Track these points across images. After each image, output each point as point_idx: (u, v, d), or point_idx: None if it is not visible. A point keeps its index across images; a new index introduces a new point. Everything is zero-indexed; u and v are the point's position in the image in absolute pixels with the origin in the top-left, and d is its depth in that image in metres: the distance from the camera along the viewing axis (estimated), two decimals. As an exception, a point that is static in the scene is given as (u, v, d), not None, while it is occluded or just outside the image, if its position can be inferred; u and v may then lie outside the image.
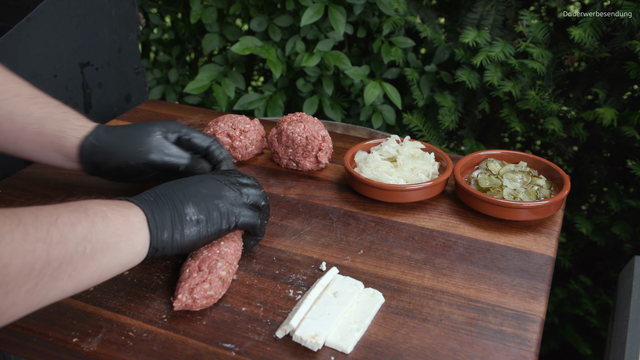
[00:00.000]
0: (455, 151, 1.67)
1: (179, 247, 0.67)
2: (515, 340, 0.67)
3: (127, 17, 1.26)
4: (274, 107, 1.56)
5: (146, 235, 0.64)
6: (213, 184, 0.72)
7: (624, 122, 1.36)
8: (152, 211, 0.65)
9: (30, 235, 0.51)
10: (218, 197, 0.70)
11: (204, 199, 0.69)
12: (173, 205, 0.67)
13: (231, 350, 0.65)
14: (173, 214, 0.66)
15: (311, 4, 1.46)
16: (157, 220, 0.65)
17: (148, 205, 0.66)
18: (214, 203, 0.70)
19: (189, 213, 0.67)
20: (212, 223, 0.69)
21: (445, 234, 0.86)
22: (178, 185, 0.70)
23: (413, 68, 1.55)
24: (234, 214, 0.70)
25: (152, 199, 0.67)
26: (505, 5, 1.49)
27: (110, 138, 0.81)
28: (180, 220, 0.67)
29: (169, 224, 0.66)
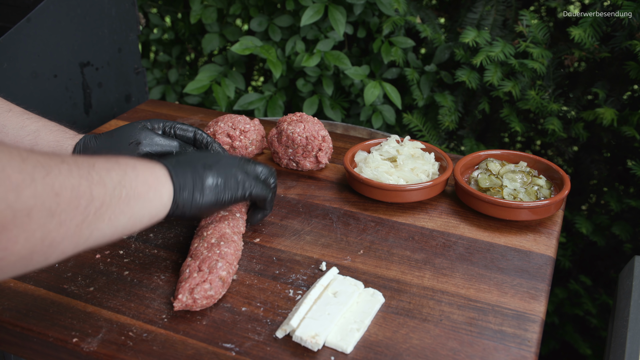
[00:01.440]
0: (455, 151, 1.67)
1: (198, 207, 0.70)
2: (515, 340, 0.67)
3: (127, 17, 1.26)
4: (274, 107, 1.56)
5: (171, 188, 0.67)
6: (230, 157, 0.78)
7: (624, 122, 1.36)
8: (175, 170, 0.69)
9: (75, 172, 0.53)
10: (235, 167, 0.76)
11: (223, 166, 0.74)
12: (194, 168, 0.71)
13: (231, 350, 0.65)
14: (194, 175, 0.70)
15: (311, 4, 1.46)
16: (179, 177, 0.69)
17: (171, 164, 0.69)
18: (232, 171, 0.75)
19: (209, 176, 0.72)
20: (229, 188, 0.73)
21: (445, 234, 0.86)
22: (198, 154, 0.76)
23: (413, 68, 1.55)
24: (249, 184, 0.76)
25: (175, 161, 0.71)
26: (505, 5, 1.49)
27: (100, 140, 0.83)
28: (200, 181, 0.70)
29: (190, 183, 0.69)
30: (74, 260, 0.78)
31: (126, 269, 0.77)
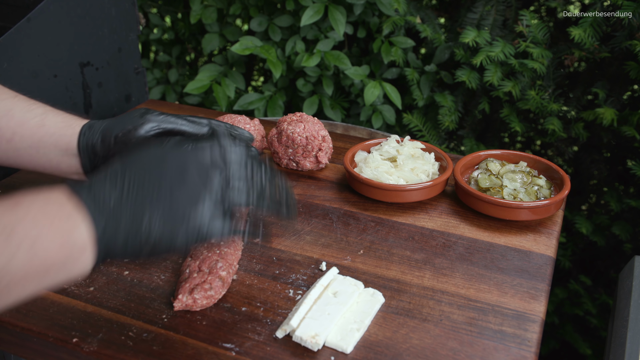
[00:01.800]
0: (455, 151, 1.67)
1: (136, 257, 0.56)
2: (515, 340, 0.67)
3: (127, 17, 1.26)
4: (274, 107, 1.56)
5: (90, 256, 0.53)
6: (190, 184, 0.56)
7: (624, 122, 1.36)
8: (105, 226, 0.53)
9: None
10: (192, 203, 0.56)
11: (174, 206, 0.55)
12: (132, 217, 0.54)
13: (231, 350, 0.65)
14: (130, 230, 0.53)
15: (311, 4, 1.46)
16: (108, 238, 0.53)
17: (104, 215, 0.53)
18: (185, 214, 0.55)
19: (149, 228, 0.54)
20: (175, 237, 0.55)
21: (445, 234, 0.86)
22: (146, 181, 0.55)
23: (413, 68, 1.55)
24: (203, 226, 0.56)
25: (112, 202, 0.53)
26: (505, 5, 1.49)
27: (104, 120, 0.77)
28: (137, 237, 0.54)
29: (121, 242, 0.54)
30: (74, 260, 0.78)
31: (126, 269, 0.77)
